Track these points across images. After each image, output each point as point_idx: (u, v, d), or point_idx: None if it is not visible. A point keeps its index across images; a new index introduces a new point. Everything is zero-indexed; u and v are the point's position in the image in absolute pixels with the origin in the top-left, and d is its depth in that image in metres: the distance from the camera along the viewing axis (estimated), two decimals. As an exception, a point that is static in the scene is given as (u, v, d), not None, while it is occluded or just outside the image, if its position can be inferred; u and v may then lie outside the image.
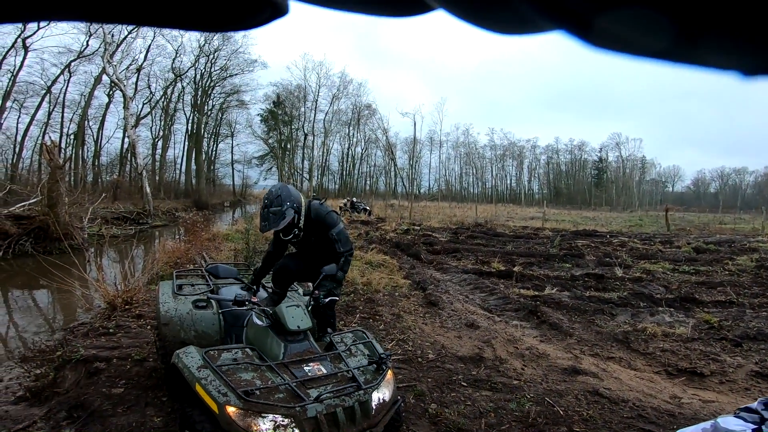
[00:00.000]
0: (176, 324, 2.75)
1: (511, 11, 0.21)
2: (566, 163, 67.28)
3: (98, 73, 28.55)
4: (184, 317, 2.79)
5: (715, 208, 42.36)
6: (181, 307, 2.85)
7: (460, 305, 6.01)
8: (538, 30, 0.23)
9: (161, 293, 3.03)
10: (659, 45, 0.21)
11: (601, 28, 0.20)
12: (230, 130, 43.76)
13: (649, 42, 0.21)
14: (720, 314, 5.81)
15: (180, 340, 2.67)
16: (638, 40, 0.21)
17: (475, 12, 0.22)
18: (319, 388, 2.08)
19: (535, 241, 13.61)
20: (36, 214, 11.02)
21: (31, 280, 7.47)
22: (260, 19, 0.26)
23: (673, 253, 11.48)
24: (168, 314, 2.77)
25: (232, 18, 0.25)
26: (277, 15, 0.26)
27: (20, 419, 2.85)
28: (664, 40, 0.20)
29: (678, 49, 0.21)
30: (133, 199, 23.55)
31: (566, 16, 0.20)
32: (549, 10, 0.20)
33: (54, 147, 12.18)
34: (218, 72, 38.43)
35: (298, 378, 2.09)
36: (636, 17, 0.19)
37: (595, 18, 0.20)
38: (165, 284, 3.24)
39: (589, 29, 0.20)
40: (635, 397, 3.45)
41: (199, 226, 9.69)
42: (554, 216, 28.67)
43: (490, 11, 0.22)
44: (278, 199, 2.68)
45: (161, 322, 2.75)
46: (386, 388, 2.27)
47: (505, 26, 0.23)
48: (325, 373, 2.20)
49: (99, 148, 32.74)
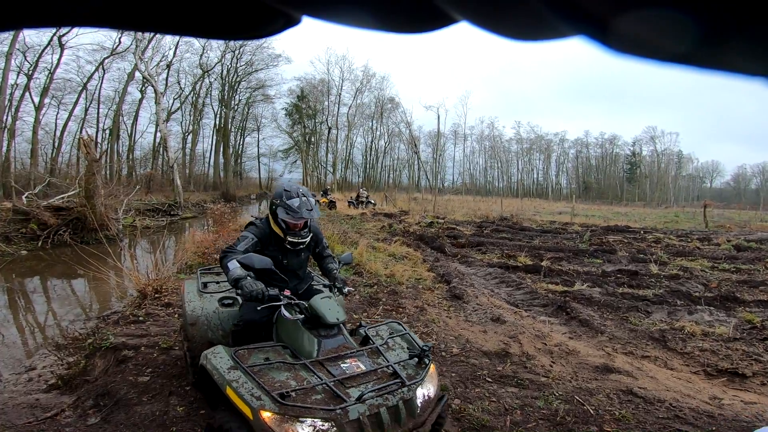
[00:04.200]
0: (203, 324, 2.62)
1: (532, 19, 0.21)
2: (596, 157, 65.27)
3: (131, 69, 29.66)
4: (211, 316, 2.67)
5: (756, 205, 40.09)
6: (207, 306, 2.72)
7: (485, 299, 5.88)
8: (559, 36, 0.23)
9: (186, 292, 2.90)
10: (684, 49, 0.20)
11: (622, 33, 0.20)
12: (256, 124, 44.70)
13: (673, 46, 0.20)
14: (763, 314, 5.55)
15: (208, 341, 2.55)
16: (662, 44, 0.20)
17: (497, 22, 0.23)
18: (360, 387, 1.92)
19: (563, 236, 13.22)
20: (74, 206, 11.52)
21: (69, 269, 7.80)
22: (273, 29, 0.27)
23: (711, 251, 10.93)
24: (194, 314, 2.64)
25: (247, 27, 0.26)
26: (290, 25, 0.27)
27: (50, 407, 2.91)
28: (688, 43, 0.19)
29: (704, 54, 0.20)
30: (165, 192, 24.38)
31: (587, 22, 0.20)
32: (570, 15, 0.20)
33: (90, 141, 12.68)
34: (243, 67, 39.19)
35: (335, 376, 1.93)
36: (659, 20, 0.19)
37: (617, 22, 0.19)
38: (189, 283, 3.11)
39: (610, 34, 0.20)
40: (672, 397, 3.28)
41: (226, 217, 9.87)
42: (583, 211, 27.82)
43: (513, 20, 0.22)
44: (306, 191, 2.56)
45: (188, 322, 2.63)
46: (430, 384, 2.11)
47: (527, 34, 0.23)
48: (364, 369, 2.03)
49: (133, 143, 34.11)
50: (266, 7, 0.24)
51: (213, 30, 0.27)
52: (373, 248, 9.01)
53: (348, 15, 0.24)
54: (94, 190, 11.25)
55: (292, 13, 0.25)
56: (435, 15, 0.24)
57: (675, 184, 61.61)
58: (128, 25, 0.25)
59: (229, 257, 2.36)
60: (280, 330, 2.36)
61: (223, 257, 2.38)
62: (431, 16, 0.24)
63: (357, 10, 0.24)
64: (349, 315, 4.81)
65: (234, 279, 2.26)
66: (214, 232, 8.39)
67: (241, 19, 0.25)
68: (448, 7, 0.22)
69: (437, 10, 0.23)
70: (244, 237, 2.52)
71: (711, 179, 69.00)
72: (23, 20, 0.24)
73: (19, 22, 0.24)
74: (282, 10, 0.25)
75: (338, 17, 0.24)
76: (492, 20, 0.22)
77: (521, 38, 0.23)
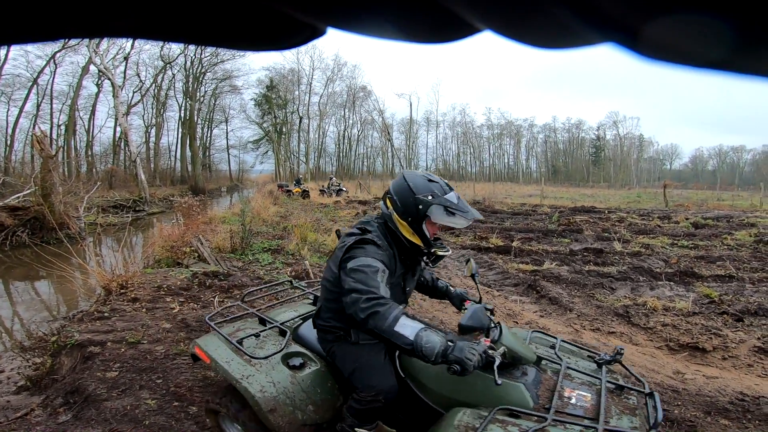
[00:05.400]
0: (286, 405, 1.81)
1: (560, 27, 0.21)
2: (564, 141, 67.20)
3: (85, 62, 28.14)
4: (292, 391, 1.85)
5: (713, 186, 42.41)
6: (276, 377, 1.88)
7: (458, 280, 5.99)
8: (587, 43, 0.22)
9: (220, 362, 1.97)
10: (717, 55, 0.19)
11: (653, 39, 0.19)
12: (224, 115, 43.49)
13: (706, 52, 0.19)
14: (720, 288, 5.79)
15: (299, 425, 1.82)
16: (694, 50, 0.19)
17: (523, 30, 0.22)
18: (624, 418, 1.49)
19: (533, 218, 13.59)
20: (30, 205, 10.97)
21: (32, 271, 7.44)
22: (298, 40, 0.27)
23: (671, 228, 11.48)
24: (268, 395, 1.80)
25: (273, 39, 0.26)
26: (315, 36, 0.27)
27: (20, 408, 2.84)
28: (722, 49, 0.19)
29: (738, 59, 0.19)
30: (129, 188, 23.43)
31: (616, 28, 0.19)
32: (599, 23, 0.19)
33: (44, 137, 12.05)
34: (209, 58, 37.84)
35: (592, 425, 1.42)
36: (691, 26, 0.18)
37: (647, 29, 0.19)
38: (212, 343, 2.11)
39: (641, 41, 0.19)
40: (638, 372, 3.41)
41: (195, 210, 9.62)
42: (552, 193, 28.62)
43: (539, 29, 0.21)
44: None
45: (264, 410, 1.77)
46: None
47: (554, 42, 0.22)
48: (591, 396, 1.60)
49: (91, 138, 32.49)
50: (293, 19, 0.24)
51: (239, 41, 0.27)
52: (348, 236, 8.98)
53: (373, 27, 0.24)
54: (51, 187, 10.75)
55: (318, 25, 0.25)
56: (459, 25, 0.24)
57: (637, 166, 64.35)
58: (156, 35, 0.25)
59: (389, 313, 1.49)
60: (471, 384, 1.63)
61: (375, 314, 1.49)
62: (456, 26, 0.24)
63: (382, 21, 0.24)
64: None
65: (440, 351, 1.42)
66: (183, 225, 8.16)
67: (268, 31, 0.25)
68: (473, 18, 0.22)
69: (461, 21, 0.23)
70: (371, 268, 1.60)
71: (670, 161, 72.49)
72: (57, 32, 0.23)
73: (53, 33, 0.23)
74: (308, 22, 0.25)
75: (363, 29, 0.24)
76: (518, 29, 0.22)
77: (548, 47, 0.23)
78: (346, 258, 1.68)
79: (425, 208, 1.69)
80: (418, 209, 1.70)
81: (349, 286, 1.58)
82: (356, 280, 1.57)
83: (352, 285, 1.57)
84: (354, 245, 1.70)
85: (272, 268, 6.26)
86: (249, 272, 5.88)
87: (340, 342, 1.88)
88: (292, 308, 2.55)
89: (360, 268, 1.59)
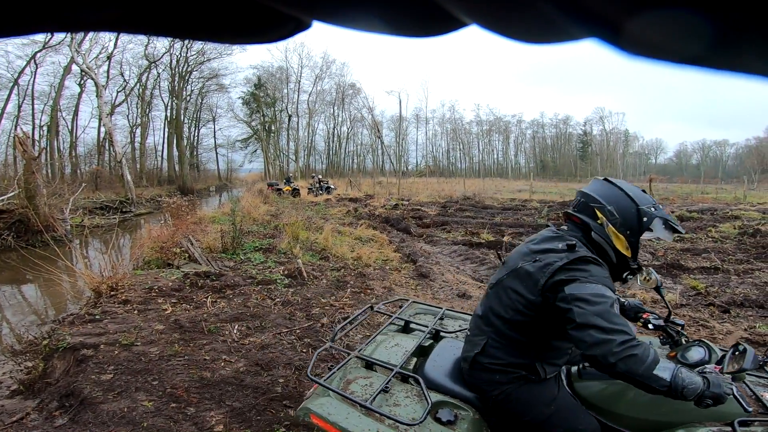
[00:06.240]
0: None
1: (544, 22, 0.21)
2: (552, 137, 67.97)
3: (67, 62, 27.57)
4: None
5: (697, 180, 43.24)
6: None
7: (451, 276, 6.04)
8: (571, 38, 0.22)
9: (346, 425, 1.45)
10: (699, 51, 0.19)
11: (636, 35, 0.19)
12: (211, 114, 43.01)
13: (688, 48, 0.19)
14: (706, 280, 5.88)
15: None
16: (676, 46, 0.19)
17: (508, 25, 0.22)
18: None
19: (523, 213, 13.71)
20: (15, 208, 10.76)
21: (18, 274, 7.30)
22: (283, 34, 0.26)
23: (657, 220, 11.66)
24: None
25: (256, 32, 0.26)
26: (300, 29, 0.26)
27: (15, 412, 2.80)
28: (704, 45, 0.19)
29: (719, 55, 0.19)
30: (115, 188, 23.08)
31: (600, 24, 0.19)
32: (582, 18, 0.19)
33: (27, 138, 11.81)
34: (195, 56, 37.42)
35: None
36: (674, 22, 0.18)
37: (630, 24, 0.19)
38: (329, 406, 1.54)
39: (623, 36, 0.19)
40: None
41: (183, 210, 9.52)
42: (541, 188, 28.89)
43: (524, 23, 0.21)
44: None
45: None
46: None
47: (538, 37, 0.22)
48: None
49: (75, 139, 31.87)
50: (277, 12, 0.24)
51: (221, 34, 0.26)
52: (339, 233, 8.99)
53: (359, 20, 0.24)
54: (35, 189, 10.55)
55: (302, 17, 0.25)
56: (446, 19, 0.23)
57: (623, 161, 65.39)
58: (136, 29, 0.24)
59: (647, 356, 1.28)
60: (654, 410, 1.45)
61: (631, 357, 1.26)
62: (442, 20, 0.24)
63: (367, 14, 0.23)
64: (341, 302, 4.80)
65: (703, 389, 1.26)
66: (172, 226, 8.07)
67: (250, 23, 0.25)
68: (459, 11, 0.22)
69: (448, 14, 0.23)
70: (606, 299, 1.34)
71: (655, 156, 73.75)
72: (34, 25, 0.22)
73: (29, 26, 0.23)
74: (292, 15, 0.25)
75: (349, 22, 0.24)
76: (503, 24, 0.22)
77: (532, 41, 0.23)
78: (562, 281, 1.41)
79: (650, 221, 1.51)
80: (642, 222, 1.51)
81: (584, 320, 1.32)
82: (593, 314, 1.32)
83: (590, 320, 1.31)
84: (570, 266, 1.42)
85: (264, 267, 6.23)
86: (241, 272, 5.85)
87: (521, 382, 1.55)
88: (389, 342, 2.02)
89: (593, 299, 1.34)
